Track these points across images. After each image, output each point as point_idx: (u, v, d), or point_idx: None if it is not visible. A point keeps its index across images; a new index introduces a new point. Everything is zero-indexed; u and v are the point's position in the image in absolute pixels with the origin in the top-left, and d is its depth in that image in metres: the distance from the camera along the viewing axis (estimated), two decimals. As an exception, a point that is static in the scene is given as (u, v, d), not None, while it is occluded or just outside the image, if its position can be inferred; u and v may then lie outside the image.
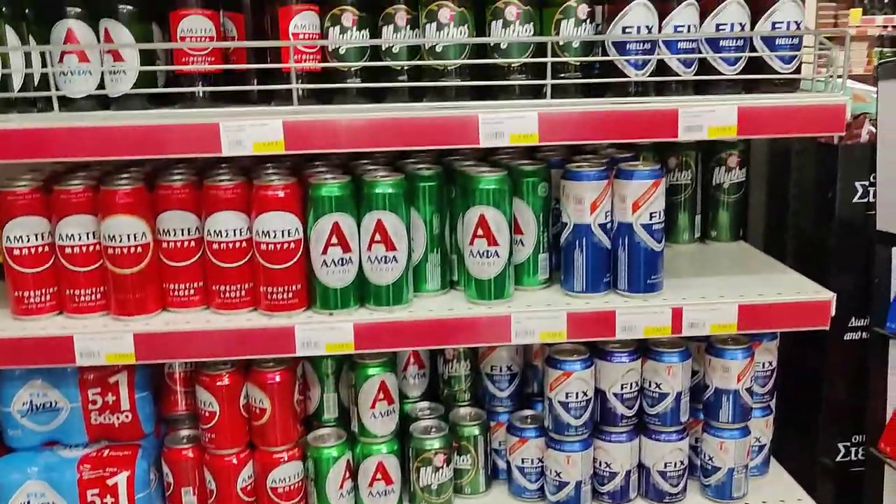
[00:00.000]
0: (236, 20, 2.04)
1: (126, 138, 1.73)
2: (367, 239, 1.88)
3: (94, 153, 1.74)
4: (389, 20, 1.88)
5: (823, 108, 1.83)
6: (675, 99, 1.84)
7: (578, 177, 1.89)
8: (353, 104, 1.86)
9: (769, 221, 2.49)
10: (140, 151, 1.75)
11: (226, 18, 2.01)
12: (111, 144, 1.73)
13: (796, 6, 1.88)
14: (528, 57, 1.84)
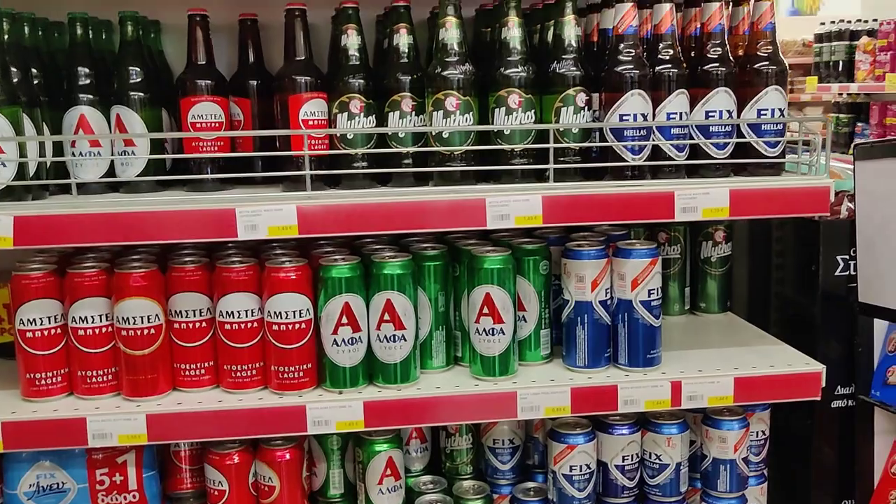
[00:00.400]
0: (243, 105, 2.11)
1: (144, 224, 1.77)
2: (376, 318, 1.93)
3: (113, 239, 1.78)
4: (395, 107, 1.96)
5: (809, 191, 1.94)
6: (671, 182, 1.93)
7: (580, 255, 1.97)
8: (360, 188, 1.93)
9: (753, 293, 2.58)
10: (158, 236, 1.79)
11: (233, 104, 2.08)
12: (130, 230, 1.77)
13: (780, 94, 2.00)
14: (531, 142, 1.92)
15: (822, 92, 6.09)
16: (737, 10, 2.08)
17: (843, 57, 5.69)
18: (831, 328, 2.33)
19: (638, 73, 1.91)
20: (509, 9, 1.92)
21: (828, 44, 5.84)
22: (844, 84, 5.76)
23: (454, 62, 1.89)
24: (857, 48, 5.52)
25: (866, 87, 5.42)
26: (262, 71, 2.16)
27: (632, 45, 1.92)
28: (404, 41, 1.98)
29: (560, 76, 1.92)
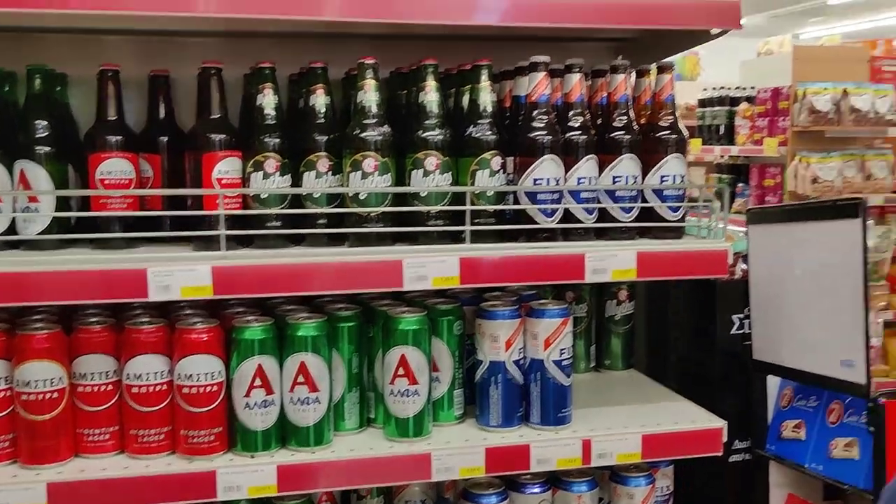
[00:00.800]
0: (153, 161, 2.07)
1: (48, 284, 1.70)
2: (290, 381, 1.90)
3: (14, 300, 1.71)
4: (311, 167, 1.96)
5: (709, 254, 2.03)
6: (582, 244, 1.99)
7: (494, 316, 2.00)
8: (274, 247, 1.92)
9: (652, 350, 2.67)
10: (63, 297, 1.72)
11: (143, 160, 2.03)
12: (33, 291, 1.70)
13: (680, 162, 2.10)
14: (447, 204, 1.95)
15: (705, 153, 6.40)
16: (640, 81, 2.18)
17: (724, 121, 6.01)
18: (728, 384, 2.43)
19: (550, 139, 1.97)
20: (427, 74, 1.96)
21: (710, 109, 6.16)
22: (726, 147, 6.07)
23: (372, 124, 1.91)
24: (736, 114, 5.84)
25: (746, 151, 5.72)
26: (174, 127, 2.13)
27: (544, 111, 1.98)
28: (321, 101, 1.99)
29: (476, 140, 1.97)
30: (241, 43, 2.28)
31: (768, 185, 5.57)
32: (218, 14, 1.81)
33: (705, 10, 1.98)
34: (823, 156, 5.00)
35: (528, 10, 1.92)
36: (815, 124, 5.00)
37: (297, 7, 1.83)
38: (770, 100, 5.40)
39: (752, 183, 5.73)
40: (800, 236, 2.15)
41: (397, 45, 2.29)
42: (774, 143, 5.24)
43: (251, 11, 1.81)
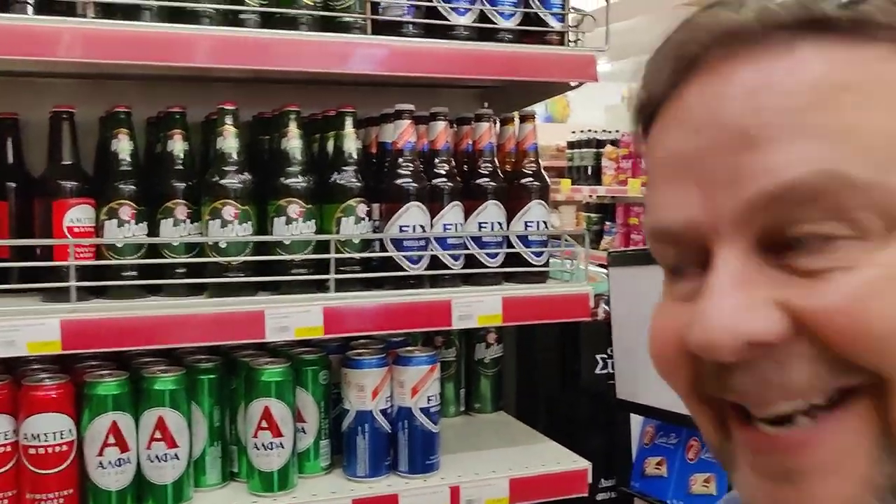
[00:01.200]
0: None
1: None
2: (146, 437, 1.82)
3: None
4: (169, 214, 1.90)
5: (572, 297, 2.08)
6: (449, 291, 2.00)
7: (360, 365, 1.97)
8: (129, 298, 1.84)
9: (521, 392, 2.70)
10: None
11: (-13, 206, 1.93)
12: None
13: (543, 208, 2.15)
14: (311, 252, 1.93)
15: (574, 193, 6.59)
16: (504, 129, 2.23)
17: (592, 162, 6.23)
18: (594, 424, 2.48)
19: (416, 186, 1.98)
20: (289, 119, 1.94)
21: (578, 150, 6.37)
22: (594, 187, 6.27)
23: (232, 171, 1.87)
24: (603, 155, 6.05)
25: (612, 191, 5.93)
26: (23, 172, 2.02)
27: (410, 158, 2.00)
28: (179, 147, 1.93)
29: (341, 187, 1.96)
30: (96, 85, 2.20)
31: (633, 223, 5.79)
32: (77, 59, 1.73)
33: (564, 64, 2.04)
34: (683, 196, 5.23)
35: (393, 60, 1.93)
36: (674, 166, 5.23)
37: (156, 53, 1.77)
38: (633, 143, 5.63)
39: (618, 221, 5.94)
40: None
41: (260, 88, 2.27)
42: (638, 184, 5.45)
43: (108, 57, 1.75)
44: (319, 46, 1.86)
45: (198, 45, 1.79)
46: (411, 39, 1.95)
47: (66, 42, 1.69)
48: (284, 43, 1.84)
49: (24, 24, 1.66)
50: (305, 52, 1.85)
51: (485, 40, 2.02)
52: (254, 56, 1.83)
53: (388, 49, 1.92)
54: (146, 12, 1.78)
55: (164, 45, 1.76)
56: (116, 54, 1.73)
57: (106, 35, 1.72)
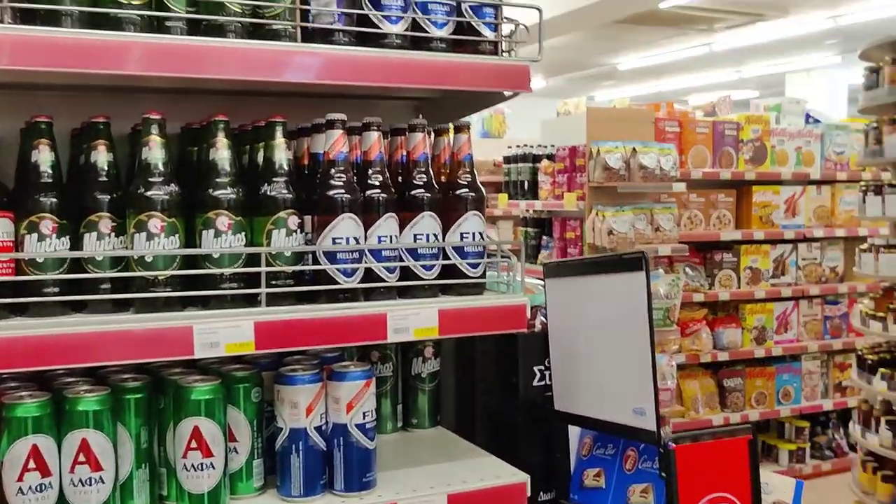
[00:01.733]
0: None
1: None
2: (69, 460, 1.74)
3: None
4: (93, 228, 1.83)
5: (509, 309, 2.07)
6: (384, 304, 1.97)
7: (293, 381, 1.92)
8: (51, 315, 1.76)
9: (460, 406, 2.67)
10: None
11: None
12: None
13: (479, 219, 2.13)
14: (241, 265, 1.87)
15: (511, 207, 6.61)
16: (439, 139, 2.21)
17: (528, 177, 6.24)
18: (533, 436, 2.46)
19: (349, 198, 1.95)
20: (217, 130, 1.89)
21: (514, 165, 6.38)
22: (531, 201, 6.29)
23: (158, 182, 1.81)
24: (539, 170, 6.08)
25: (549, 205, 5.96)
26: (-65, 186, 1.93)
27: (343, 169, 1.96)
28: (103, 158, 1.87)
29: (271, 199, 1.91)
30: (17, 96, 2.12)
31: (570, 237, 5.81)
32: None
33: (498, 74, 2.03)
34: (617, 209, 5.28)
35: (323, 68, 1.89)
36: (608, 180, 5.28)
37: (77, 60, 1.71)
38: (568, 157, 5.66)
39: (555, 235, 5.96)
40: (591, 289, 2.23)
41: (189, 98, 2.22)
42: (573, 198, 5.49)
43: (25, 63, 1.67)
44: (248, 54, 1.82)
45: (122, 51, 1.73)
46: (342, 47, 1.92)
47: (-21, 48, 1.61)
48: (212, 50, 1.80)
49: (-66, 30, 1.59)
50: (233, 60, 1.81)
51: (418, 49, 2.00)
52: (181, 64, 1.78)
53: (318, 57, 1.89)
54: (67, 18, 1.72)
55: (86, 51, 1.70)
56: (34, 61, 1.66)
57: (21, 41, 1.65)
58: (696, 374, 6.18)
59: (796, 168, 6.50)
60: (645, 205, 5.39)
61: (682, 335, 5.81)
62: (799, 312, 6.48)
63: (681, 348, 5.83)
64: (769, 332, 6.36)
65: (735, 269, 6.24)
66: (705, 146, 6.15)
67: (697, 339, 6.01)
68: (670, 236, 5.38)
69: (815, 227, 6.47)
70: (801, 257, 6.47)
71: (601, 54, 14.07)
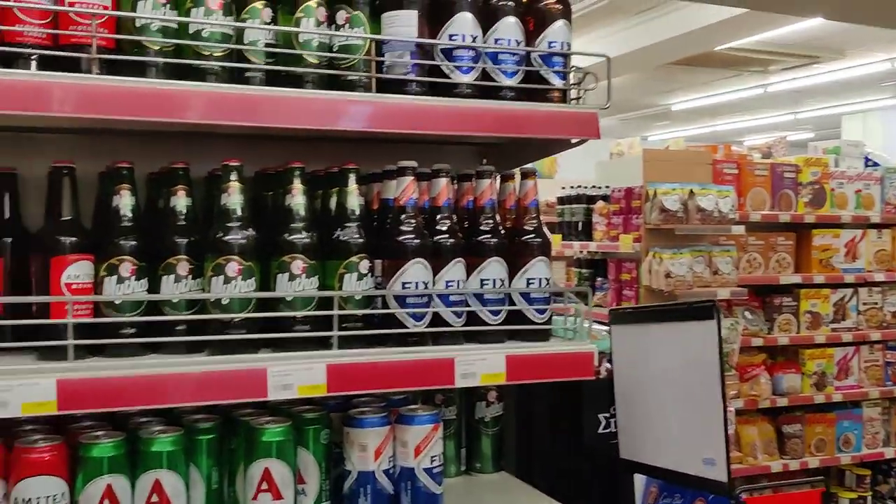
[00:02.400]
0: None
1: None
2: (142, 501, 1.77)
3: None
4: (171, 270, 1.87)
5: (576, 356, 2.06)
6: (452, 348, 1.97)
7: (362, 424, 1.94)
8: (128, 356, 1.80)
9: (522, 451, 2.65)
10: None
11: (-17, 262, 1.89)
12: None
13: (545, 265, 2.13)
14: (314, 309, 1.90)
15: (565, 248, 6.58)
16: (505, 185, 2.22)
17: (582, 218, 6.23)
18: (597, 484, 2.44)
19: (419, 243, 1.97)
20: (293, 177, 1.93)
21: (568, 206, 6.38)
22: (584, 242, 6.27)
23: (236, 227, 1.85)
24: (593, 211, 6.07)
25: (603, 246, 5.93)
26: (20, 228, 1.99)
27: (412, 215, 1.99)
28: (182, 203, 1.92)
29: (344, 243, 1.94)
30: (97, 140, 2.19)
31: (625, 279, 5.77)
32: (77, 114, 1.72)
33: (566, 121, 2.05)
34: (674, 252, 5.23)
35: (395, 117, 1.93)
36: (665, 222, 5.24)
37: (156, 110, 1.76)
38: (623, 198, 5.64)
39: (609, 277, 5.92)
40: (660, 337, 2.21)
41: (263, 144, 2.26)
42: (629, 240, 5.46)
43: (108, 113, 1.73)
44: (322, 104, 1.87)
45: (199, 101, 1.78)
46: (414, 97, 1.95)
47: (64, 98, 1.68)
48: (287, 100, 1.84)
49: (25, 80, 1.65)
50: (308, 110, 1.85)
51: (487, 98, 2.03)
52: (257, 113, 1.83)
53: (391, 107, 1.92)
54: (151, 69, 1.78)
55: (165, 101, 1.76)
56: (116, 110, 1.72)
57: (106, 91, 1.71)
58: (754, 419, 6.04)
59: (856, 211, 6.38)
60: (703, 247, 5.33)
61: (741, 380, 5.70)
62: (860, 358, 6.32)
63: (739, 393, 5.71)
64: (829, 377, 6.21)
65: (794, 314, 6.11)
66: (764, 188, 6.07)
67: (756, 384, 5.88)
68: (729, 279, 5.30)
69: (875, 272, 6.32)
70: (862, 302, 6.32)
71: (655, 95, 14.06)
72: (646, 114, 15.63)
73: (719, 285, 5.27)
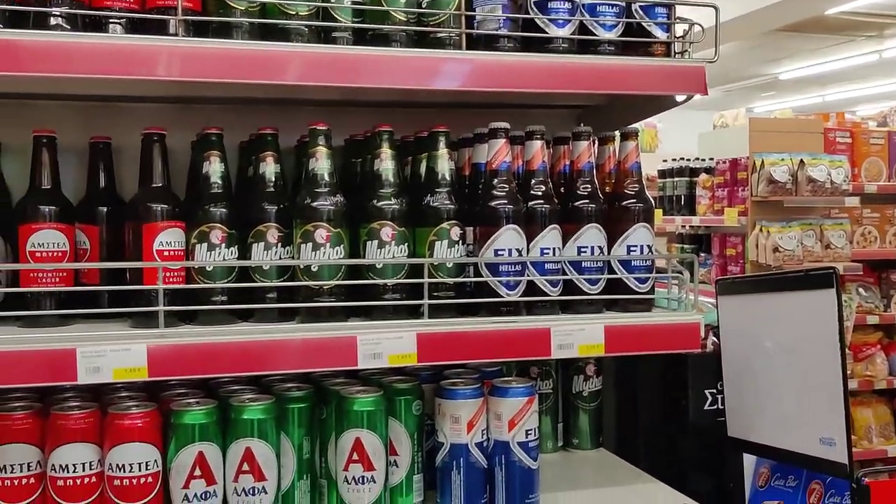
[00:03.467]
0: (90, 233, 1.93)
1: (-34, 367, 1.55)
2: (233, 469, 1.75)
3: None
4: (260, 238, 1.84)
5: (681, 327, 1.94)
6: (547, 318, 1.88)
7: (455, 395, 1.87)
8: (218, 323, 1.78)
9: (621, 427, 2.55)
10: (-18, 381, 1.57)
11: (80, 231, 1.90)
12: (-53, 375, 1.54)
13: (648, 231, 2.02)
14: (403, 277, 1.84)
15: (666, 224, 6.38)
16: (603, 147, 2.11)
17: (685, 192, 6.02)
18: (702, 463, 2.31)
19: (512, 209, 1.88)
20: (382, 141, 1.87)
21: (670, 179, 6.17)
22: (687, 217, 6.06)
23: (325, 193, 1.81)
24: (696, 184, 5.85)
25: (707, 221, 5.71)
26: (114, 196, 2.00)
27: (505, 180, 1.90)
28: (271, 170, 1.88)
29: (434, 209, 1.87)
30: (187, 110, 2.18)
31: (730, 254, 5.55)
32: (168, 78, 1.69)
33: (671, 76, 1.92)
34: (783, 225, 4.99)
35: (488, 75, 1.84)
36: (773, 194, 5.00)
37: (248, 72, 1.72)
38: (729, 170, 5.42)
39: (714, 252, 5.71)
40: (772, 308, 2.07)
41: (351, 112, 2.22)
42: (735, 213, 5.24)
43: (199, 75, 1.70)
44: (411, 62, 1.79)
45: (290, 62, 1.73)
46: (507, 53, 1.86)
47: (156, 61, 1.65)
48: (376, 59, 1.78)
49: (115, 43, 1.64)
50: (397, 69, 1.78)
51: (585, 53, 1.92)
52: (346, 73, 1.76)
53: (483, 63, 1.83)
54: (237, 30, 1.74)
55: (256, 63, 1.72)
56: (208, 72, 1.69)
57: (197, 53, 1.68)
58: (869, 401, 5.75)
59: (981, 181, 5.96)
60: (814, 220, 5.06)
61: (855, 360, 5.41)
62: None
63: (853, 374, 5.43)
64: (952, 357, 5.84)
65: (913, 290, 5.76)
66: (880, 158, 5.73)
67: (871, 364, 5.59)
68: (842, 254, 5.03)
69: None
70: None
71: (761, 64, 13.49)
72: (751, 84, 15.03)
73: (831, 260, 5.01)
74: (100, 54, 1.62)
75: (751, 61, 13.02)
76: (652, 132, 9.62)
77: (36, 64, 1.59)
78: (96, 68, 1.63)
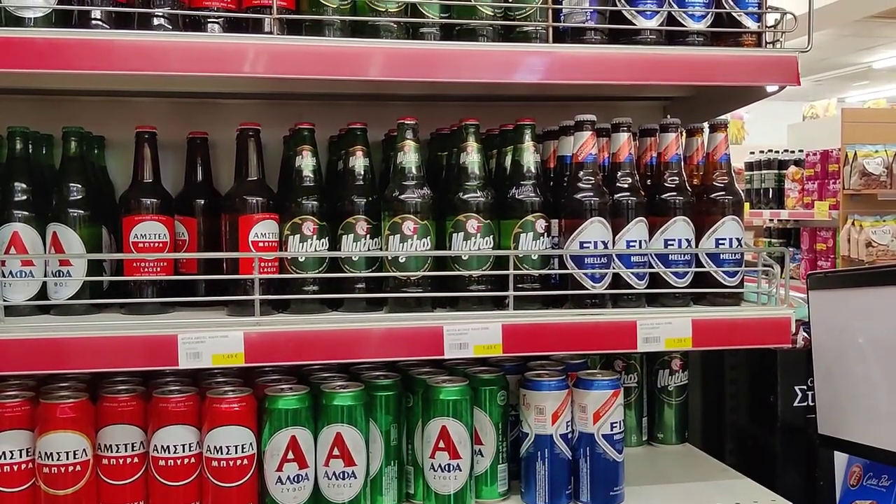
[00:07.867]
0: (189, 224, 2.02)
1: (76, 351, 1.64)
2: (324, 454, 1.81)
3: (40, 367, 1.64)
4: (350, 230, 1.89)
5: (771, 322, 1.91)
6: (633, 311, 1.88)
7: (540, 386, 1.89)
8: (310, 312, 1.84)
9: (707, 423, 2.52)
10: (89, 365, 1.66)
11: (179, 222, 1.99)
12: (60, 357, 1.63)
13: (737, 224, 1.99)
14: (489, 269, 1.86)
15: (753, 217, 6.26)
16: (691, 140, 2.09)
17: (773, 185, 5.89)
18: (791, 461, 2.27)
19: (598, 201, 1.88)
20: (468, 134, 1.89)
21: (758, 172, 6.04)
22: (775, 210, 5.93)
23: (412, 186, 1.84)
24: (785, 177, 5.72)
25: (796, 214, 5.58)
26: (210, 190, 2.08)
27: (591, 172, 1.90)
28: (360, 163, 1.93)
29: (519, 202, 1.89)
30: (280, 106, 2.25)
31: (820, 248, 5.41)
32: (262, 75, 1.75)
33: (762, 67, 1.89)
34: (877, 219, 4.85)
35: (574, 68, 1.84)
36: (866, 187, 4.86)
37: (337, 68, 1.77)
38: (819, 163, 5.28)
39: (803, 247, 5.58)
40: (867, 302, 2.01)
41: (437, 106, 2.25)
42: (825, 207, 5.10)
43: (291, 72, 1.75)
44: (502, 56, 1.81)
45: (378, 58, 1.77)
46: (594, 46, 1.86)
47: (252, 58, 1.71)
48: (462, 54, 1.80)
49: (212, 42, 1.70)
50: (488, 63, 1.80)
51: (673, 45, 1.90)
52: (433, 68, 1.79)
53: (572, 56, 1.84)
54: (329, 28, 1.79)
55: (346, 59, 1.76)
56: (299, 69, 1.74)
57: (289, 51, 1.73)
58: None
59: None
60: (910, 214, 4.90)
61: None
62: None
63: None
64: None
65: None
66: (983, 149, 5.49)
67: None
68: (941, 249, 4.85)
69: None
70: None
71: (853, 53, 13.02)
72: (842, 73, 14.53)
73: (930, 255, 4.83)
74: (198, 52, 1.69)
75: (843, 50, 12.58)
76: (738, 124, 9.42)
77: (137, 63, 1.66)
78: (195, 66, 1.69)
